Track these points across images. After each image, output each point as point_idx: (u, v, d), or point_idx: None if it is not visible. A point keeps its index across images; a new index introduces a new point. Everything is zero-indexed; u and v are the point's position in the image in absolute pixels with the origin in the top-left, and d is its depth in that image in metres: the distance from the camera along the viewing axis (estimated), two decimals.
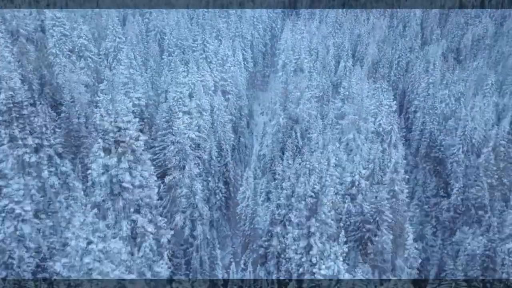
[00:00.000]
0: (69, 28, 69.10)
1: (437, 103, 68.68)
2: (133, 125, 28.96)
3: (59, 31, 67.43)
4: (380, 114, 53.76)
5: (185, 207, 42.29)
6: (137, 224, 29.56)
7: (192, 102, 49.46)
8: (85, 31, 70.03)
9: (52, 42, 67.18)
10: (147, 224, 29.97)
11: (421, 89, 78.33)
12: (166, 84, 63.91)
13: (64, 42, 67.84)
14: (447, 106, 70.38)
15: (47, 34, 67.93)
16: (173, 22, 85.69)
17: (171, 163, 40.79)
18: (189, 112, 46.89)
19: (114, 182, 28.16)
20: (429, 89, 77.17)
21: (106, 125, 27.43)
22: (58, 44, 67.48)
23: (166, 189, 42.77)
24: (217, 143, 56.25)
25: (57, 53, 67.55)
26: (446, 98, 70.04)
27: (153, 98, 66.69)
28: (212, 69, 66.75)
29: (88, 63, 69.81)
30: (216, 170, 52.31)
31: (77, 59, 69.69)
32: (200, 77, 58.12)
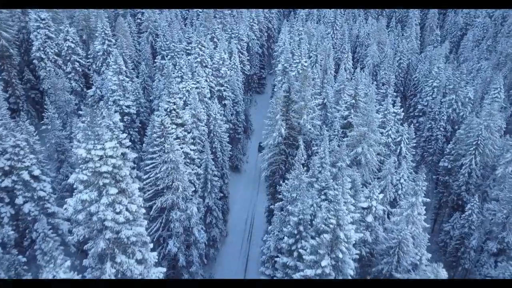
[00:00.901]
0: (54, 30, 63.60)
1: (443, 109, 64.13)
2: (117, 151, 23.80)
3: (44, 33, 61.95)
4: (388, 123, 49.08)
5: (179, 232, 37.35)
6: (123, 266, 24.57)
7: (186, 112, 44.40)
8: (72, 33, 64.59)
9: (36, 46, 61.73)
10: (134, 266, 24.98)
11: (424, 93, 73.85)
12: (159, 90, 58.77)
13: (49, 45, 62.40)
14: (454, 112, 65.93)
15: (31, 36, 62.40)
16: (166, 23, 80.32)
17: (163, 183, 35.77)
18: (183, 124, 41.85)
19: (95, 220, 23.12)
20: (433, 93, 72.71)
21: (84, 153, 22.34)
22: (43, 47, 62.03)
23: (158, 211, 37.79)
24: (214, 154, 51.32)
25: (42, 57, 62.15)
26: (453, 103, 65.55)
27: (145, 105, 61.50)
28: (207, 73, 61.63)
29: (76, 68, 64.55)
30: (213, 184, 47.37)
31: (63, 63, 64.35)
32: (195, 84, 53.02)
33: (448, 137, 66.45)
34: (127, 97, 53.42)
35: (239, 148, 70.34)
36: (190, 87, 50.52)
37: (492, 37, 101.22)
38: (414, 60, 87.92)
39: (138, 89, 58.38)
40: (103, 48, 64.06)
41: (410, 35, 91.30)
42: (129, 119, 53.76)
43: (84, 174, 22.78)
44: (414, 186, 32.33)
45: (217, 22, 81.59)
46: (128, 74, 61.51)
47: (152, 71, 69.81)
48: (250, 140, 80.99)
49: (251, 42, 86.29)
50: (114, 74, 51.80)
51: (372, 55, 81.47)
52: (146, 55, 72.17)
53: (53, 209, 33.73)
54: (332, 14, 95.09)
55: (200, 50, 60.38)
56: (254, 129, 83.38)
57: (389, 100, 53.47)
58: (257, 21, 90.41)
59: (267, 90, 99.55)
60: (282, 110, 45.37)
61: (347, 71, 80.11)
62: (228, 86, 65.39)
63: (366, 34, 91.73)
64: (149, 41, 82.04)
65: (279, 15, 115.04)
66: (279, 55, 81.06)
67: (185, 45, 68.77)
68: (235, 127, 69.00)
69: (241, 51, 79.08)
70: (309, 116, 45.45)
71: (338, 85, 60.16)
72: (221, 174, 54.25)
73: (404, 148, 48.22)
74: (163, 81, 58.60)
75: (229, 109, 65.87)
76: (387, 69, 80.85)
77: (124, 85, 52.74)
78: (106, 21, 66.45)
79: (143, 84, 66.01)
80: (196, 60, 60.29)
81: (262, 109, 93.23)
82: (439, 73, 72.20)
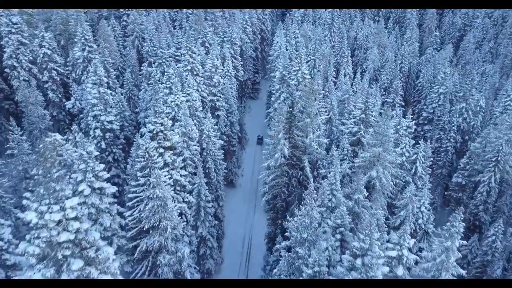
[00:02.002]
0: (28, 35, 56.64)
1: (454, 118, 58.64)
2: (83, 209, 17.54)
3: (16, 39, 54.97)
4: (402, 139, 43.38)
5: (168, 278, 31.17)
6: None
7: (176, 131, 38.16)
8: (49, 39, 57.60)
9: (8, 53, 54.72)
10: None
11: (430, 100, 68.36)
12: (145, 102, 52.33)
13: (22, 52, 55.44)
14: (465, 121, 60.53)
15: (2, 42, 55.37)
16: (153, 26, 73.62)
17: (148, 223, 29.53)
18: (173, 147, 35.65)
19: None
20: (439, 100, 67.26)
21: (34, 218, 16.04)
22: (15, 54, 55.05)
23: (143, 252, 31.56)
24: (207, 176, 45.18)
25: (15, 65, 55.17)
26: (463, 112, 60.14)
27: (130, 118, 55.00)
28: (199, 82, 55.29)
29: (53, 76, 57.62)
30: (207, 211, 41.23)
31: (39, 71, 57.42)
32: (185, 96, 46.68)
33: (457, 148, 61.14)
34: (109, 111, 46.86)
35: (233, 161, 64.18)
36: (179, 101, 44.16)
37: (493, 39, 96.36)
38: (416, 64, 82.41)
39: (122, 101, 51.80)
40: (83, 55, 57.26)
41: (411, 37, 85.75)
42: (111, 136, 47.21)
43: (36, 245, 16.49)
44: (449, 228, 26.52)
45: (208, 25, 75.13)
46: (111, 84, 54.91)
47: (139, 78, 63.19)
48: (245, 150, 74.81)
49: (244, 45, 79.98)
50: (93, 86, 45.21)
51: (373, 59, 75.76)
52: (132, 61, 65.45)
53: (13, 259, 27.27)
54: (329, 16, 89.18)
55: (190, 57, 53.97)
56: (249, 139, 77.28)
57: (398, 111, 47.88)
58: (251, 23, 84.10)
59: (261, 96, 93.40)
60: (285, 128, 39.30)
61: (346, 76, 74.45)
62: (222, 95, 59.14)
63: (365, 36, 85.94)
64: (135, 45, 75.27)
65: (272, 15, 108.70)
66: (275, 60, 74.87)
67: (174, 51, 62.28)
68: (230, 139, 62.80)
69: (234, 56, 72.76)
70: (315, 134, 39.44)
71: (342, 95, 54.30)
72: (216, 197, 48.16)
73: (419, 167, 42.54)
74: (149, 91, 52.32)
75: (223, 120, 59.63)
76: (388, 73, 75.29)
77: (106, 98, 46.17)
78: (87, 24, 59.64)
79: (128, 94, 59.42)
80: (186, 68, 53.90)
81: (257, 115, 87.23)
82: (445, 79, 66.74)
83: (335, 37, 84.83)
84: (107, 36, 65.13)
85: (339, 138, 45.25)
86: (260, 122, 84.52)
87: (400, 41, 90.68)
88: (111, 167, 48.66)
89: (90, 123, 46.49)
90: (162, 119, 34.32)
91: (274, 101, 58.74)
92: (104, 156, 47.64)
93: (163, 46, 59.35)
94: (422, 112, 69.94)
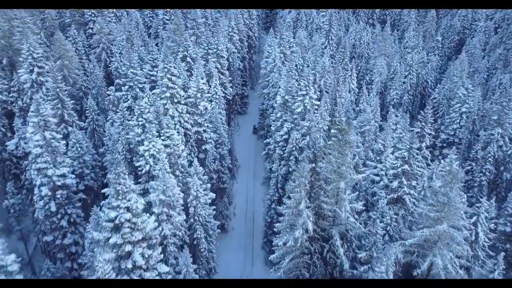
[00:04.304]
0: None
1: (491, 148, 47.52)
2: None
3: None
4: None
5: None
6: None
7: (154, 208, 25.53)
8: None
9: None
10: None
11: (449, 119, 57.26)
12: (112, 140, 39.05)
13: None
14: (500, 150, 49.47)
15: None
16: (123, 35, 59.82)
17: None
18: (147, 237, 22.91)
19: None
20: (460, 120, 56.22)
21: None
22: None
23: None
24: (195, 249, 32.53)
25: None
26: (499, 139, 49.08)
27: (94, 159, 41.67)
28: (181, 111, 42.29)
29: None
30: None
31: None
32: (164, 139, 33.65)
33: (490, 181, 50.18)
34: (60, 161, 33.42)
35: (224, 201, 51.51)
36: (156, 149, 31.11)
37: (499, 43, 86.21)
38: (424, 75, 71.22)
39: (80, 141, 38.32)
40: (30, 78, 43.39)
41: (417, 45, 74.37)
42: (64, 194, 33.86)
43: None
44: None
45: (189, 33, 61.76)
46: (66, 117, 41.26)
47: (106, 103, 49.55)
48: (235, 179, 62.20)
49: (231, 56, 67.01)
50: (36, 131, 31.70)
51: (380, 72, 64.05)
52: (97, 81, 51.57)
53: None
54: (325, 20, 76.99)
55: (169, 81, 40.81)
56: (240, 165, 64.68)
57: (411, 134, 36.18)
58: (237, 30, 71.06)
59: (250, 110, 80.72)
60: (307, 190, 26.91)
61: (351, 92, 62.60)
62: (209, 125, 46.33)
63: (366, 44, 74.21)
64: (103, 59, 61.35)
65: (258, 19, 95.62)
66: (268, 74, 62.32)
67: (149, 70, 48.94)
68: (219, 175, 50.16)
69: (221, 71, 59.76)
70: (349, 204, 27.23)
71: (361, 124, 42.23)
72: (208, 270, 35.55)
73: (481, 233, 30.98)
74: (117, 125, 39.12)
75: (211, 155, 46.94)
76: (398, 88, 63.89)
77: (54, 145, 32.70)
78: (36, 38, 45.74)
79: (91, 125, 45.88)
80: (164, 96, 40.74)
81: (246, 132, 74.78)
82: (468, 96, 55.68)
83: (333, 44, 72.81)
84: (65, 51, 51.15)
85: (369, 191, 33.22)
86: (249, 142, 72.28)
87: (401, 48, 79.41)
88: (66, 234, 35.38)
89: (35, 178, 33.10)
90: (128, 201, 21.41)
91: (275, 131, 46.28)
92: (55, 221, 34.36)
93: (134, 64, 45.86)
94: (440, 133, 58.83)
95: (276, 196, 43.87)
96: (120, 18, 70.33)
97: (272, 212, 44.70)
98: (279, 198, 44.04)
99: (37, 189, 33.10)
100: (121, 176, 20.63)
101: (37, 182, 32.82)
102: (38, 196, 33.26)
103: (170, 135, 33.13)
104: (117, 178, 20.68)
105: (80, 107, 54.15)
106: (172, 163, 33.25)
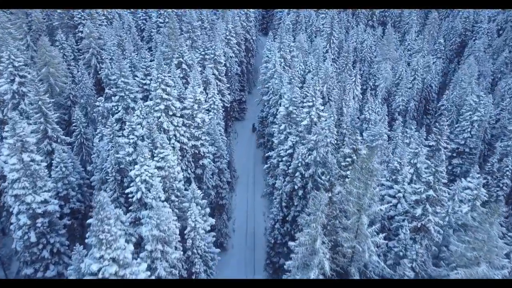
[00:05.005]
0: None
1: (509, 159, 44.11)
2: None
3: None
4: None
5: None
6: None
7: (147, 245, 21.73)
8: None
9: None
10: None
11: (460, 128, 53.85)
12: (101, 158, 35.05)
13: None
14: None
15: None
16: (115, 39, 55.65)
17: None
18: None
19: None
20: (472, 129, 52.82)
21: None
22: None
23: None
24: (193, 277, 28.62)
25: None
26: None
27: (82, 177, 37.67)
28: (176, 124, 38.35)
29: None
30: None
31: None
32: (158, 160, 29.70)
33: (507, 196, 46.80)
34: (41, 186, 29.39)
35: (223, 218, 47.70)
36: (148, 173, 27.16)
37: (503, 45, 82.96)
38: (430, 80, 67.78)
39: (65, 161, 34.28)
40: (11, 88, 39.20)
41: (422, 48, 70.85)
42: (46, 222, 29.82)
43: None
44: None
45: (185, 37, 57.72)
46: (49, 132, 37.14)
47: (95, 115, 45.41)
48: (234, 191, 58.38)
49: (228, 61, 63.08)
50: (12, 153, 27.64)
51: (385, 78, 60.43)
52: (86, 89, 47.41)
53: None
54: (325, 22, 73.25)
55: (163, 92, 36.82)
56: (239, 176, 60.85)
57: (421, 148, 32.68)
58: (235, 33, 67.05)
59: (248, 116, 76.93)
60: (323, 223, 23.15)
61: (355, 98, 58.96)
62: (207, 137, 42.42)
63: (369, 47, 70.62)
64: (93, 65, 57.16)
65: (255, 21, 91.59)
66: (268, 80, 58.48)
67: (141, 78, 44.89)
68: (218, 190, 46.36)
69: (218, 78, 55.85)
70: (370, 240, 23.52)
71: (372, 138, 38.56)
72: None
73: None
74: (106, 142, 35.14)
75: (210, 170, 43.09)
76: (404, 94, 60.38)
77: (34, 169, 28.64)
78: (18, 45, 41.56)
79: (79, 139, 41.84)
80: (158, 108, 36.76)
81: (244, 139, 70.96)
82: (480, 103, 52.25)
83: (335, 48, 69.12)
84: (51, 58, 46.93)
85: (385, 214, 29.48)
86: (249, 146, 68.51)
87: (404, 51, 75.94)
88: (48, 265, 31.37)
89: (12, 206, 29.06)
90: (114, 251, 17.51)
91: (278, 144, 42.49)
92: (35, 252, 30.35)
93: (125, 73, 41.79)
94: (449, 142, 55.31)
95: (281, 215, 40.10)
96: (112, 21, 66.08)
97: (276, 233, 40.97)
98: (284, 217, 40.31)
99: (14, 218, 29.09)
100: (105, 222, 16.72)
101: (15, 210, 28.80)
102: (16, 225, 29.26)
103: (164, 156, 29.17)
104: (101, 225, 16.77)
105: (68, 117, 50.07)
106: (167, 187, 29.36)
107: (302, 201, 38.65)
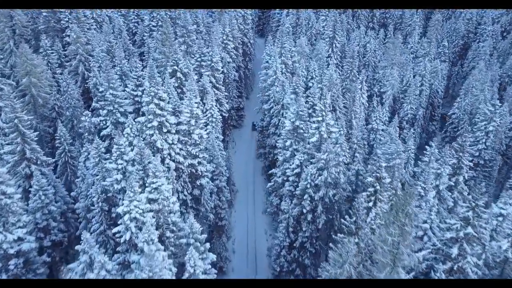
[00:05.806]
0: None
1: None
2: None
3: None
4: None
5: None
6: None
7: None
8: None
9: None
10: None
11: (474, 139, 50.08)
12: (86, 183, 30.72)
13: None
14: None
15: None
16: (103, 45, 51.19)
17: None
18: None
19: None
20: (487, 139, 49.13)
21: None
22: None
23: None
24: None
25: None
26: None
27: (66, 205, 33.25)
28: (171, 142, 34.06)
29: None
30: None
31: None
32: (151, 191, 25.37)
33: None
34: (14, 222, 25.00)
35: (223, 241, 43.54)
36: (139, 209, 22.87)
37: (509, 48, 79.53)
38: (437, 84, 64.00)
39: (44, 187, 29.86)
40: None
41: (429, 52, 67.02)
42: (20, 264, 25.43)
43: None
44: None
45: (179, 42, 53.35)
46: (27, 154, 32.62)
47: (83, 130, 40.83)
48: (233, 207, 54.19)
49: (226, 67, 58.78)
50: None
51: (392, 85, 56.51)
52: (72, 100, 42.90)
53: None
54: (326, 25, 69.15)
55: (156, 107, 32.50)
56: (238, 190, 56.64)
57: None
58: (232, 37, 62.70)
59: (246, 122, 72.80)
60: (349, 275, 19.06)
61: (361, 107, 54.93)
62: (205, 155, 38.16)
63: (372, 51, 66.69)
64: (80, 72, 52.55)
65: (252, 23, 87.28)
66: (269, 88, 54.26)
67: (132, 89, 40.46)
68: (217, 211, 42.18)
69: (216, 86, 51.58)
70: None
71: (388, 157, 34.54)
72: None
73: None
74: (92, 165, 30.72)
75: (208, 190, 38.84)
76: (412, 102, 56.54)
77: (5, 203, 24.23)
78: None
79: (63, 157, 37.37)
80: (151, 125, 32.44)
81: (242, 147, 66.81)
82: (495, 113, 48.57)
83: (338, 52, 65.07)
84: (33, 67, 42.35)
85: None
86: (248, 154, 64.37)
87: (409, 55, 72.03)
88: None
89: None
90: None
91: (283, 161, 38.32)
92: None
93: (114, 84, 37.38)
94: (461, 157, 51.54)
95: (287, 241, 36.03)
96: (101, 24, 61.49)
97: (282, 260, 36.89)
98: (291, 243, 36.25)
99: None
100: None
101: None
102: None
103: (158, 187, 24.88)
104: None
105: (54, 130, 45.49)
106: (161, 222, 25.11)
107: (311, 226, 34.66)
